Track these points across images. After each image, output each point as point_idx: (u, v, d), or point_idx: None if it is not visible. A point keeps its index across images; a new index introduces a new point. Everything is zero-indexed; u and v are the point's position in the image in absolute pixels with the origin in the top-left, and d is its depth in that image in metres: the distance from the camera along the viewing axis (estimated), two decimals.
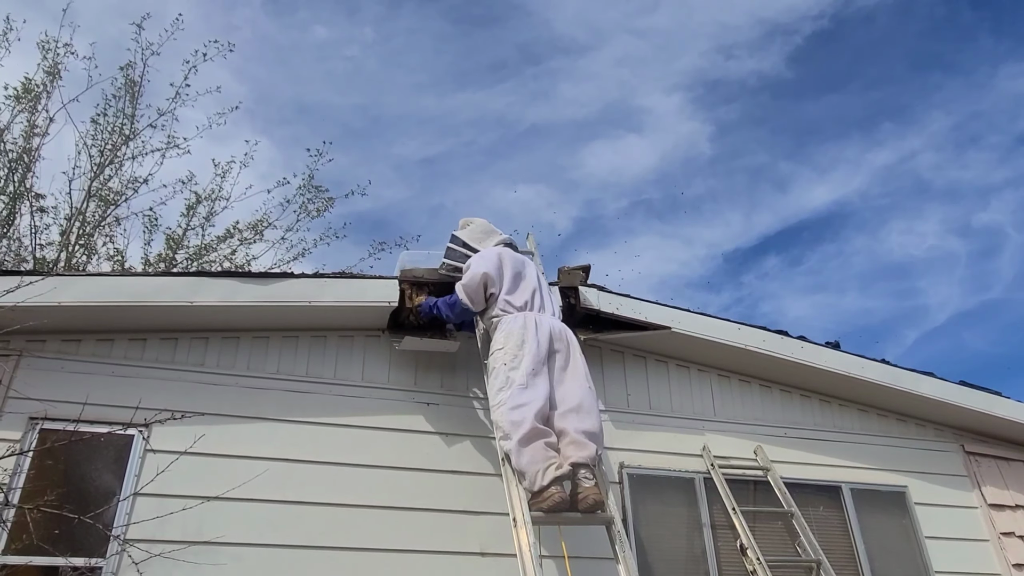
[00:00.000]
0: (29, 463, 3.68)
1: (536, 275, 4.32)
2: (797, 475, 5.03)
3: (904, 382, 5.44)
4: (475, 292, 4.08)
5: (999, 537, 5.31)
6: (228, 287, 4.26)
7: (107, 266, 11.01)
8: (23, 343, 3.92)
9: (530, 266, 4.37)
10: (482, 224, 4.58)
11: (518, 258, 4.35)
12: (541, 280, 4.34)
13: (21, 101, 10.69)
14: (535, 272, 4.35)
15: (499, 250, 4.30)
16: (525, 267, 4.31)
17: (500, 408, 3.72)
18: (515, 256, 4.34)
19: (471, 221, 4.62)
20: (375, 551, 3.98)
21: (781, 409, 5.43)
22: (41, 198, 10.80)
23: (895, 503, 5.24)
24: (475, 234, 4.50)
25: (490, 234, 4.50)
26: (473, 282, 4.07)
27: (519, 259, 4.34)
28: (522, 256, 4.44)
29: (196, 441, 3.78)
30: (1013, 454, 5.84)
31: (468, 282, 4.10)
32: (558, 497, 3.48)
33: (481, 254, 4.28)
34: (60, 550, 3.36)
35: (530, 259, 4.54)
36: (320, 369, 4.46)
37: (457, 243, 4.48)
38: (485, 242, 4.42)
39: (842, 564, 4.75)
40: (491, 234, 4.50)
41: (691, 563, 4.52)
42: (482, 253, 4.29)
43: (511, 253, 4.34)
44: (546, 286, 4.37)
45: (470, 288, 4.09)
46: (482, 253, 4.29)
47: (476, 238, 4.46)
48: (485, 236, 4.47)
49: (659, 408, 5.07)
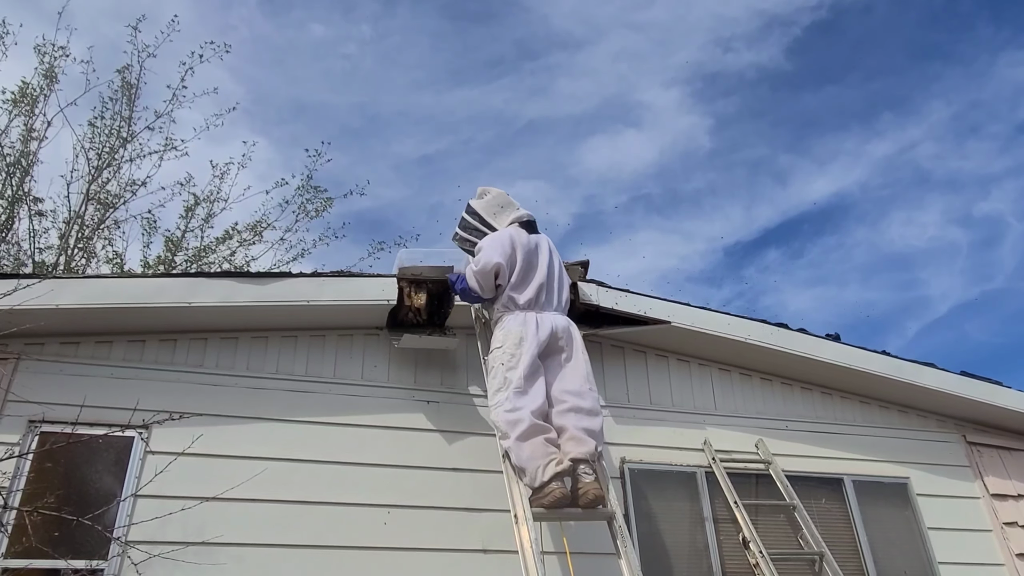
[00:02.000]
0: (28, 466, 3.67)
1: (548, 263, 4.12)
2: (799, 468, 5.02)
3: (905, 373, 5.43)
4: (486, 280, 3.99)
5: (1002, 527, 5.31)
6: (226, 287, 4.25)
7: (106, 269, 11.02)
8: (22, 346, 3.92)
9: (543, 252, 4.15)
10: (499, 196, 4.34)
11: (531, 243, 4.12)
12: (554, 267, 4.15)
13: (18, 105, 10.70)
14: (548, 259, 4.13)
15: (513, 235, 4.10)
16: (538, 254, 4.12)
17: (498, 409, 3.71)
18: (528, 241, 4.12)
19: (488, 191, 4.38)
20: (376, 550, 3.97)
21: (782, 402, 5.42)
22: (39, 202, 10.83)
23: (897, 494, 5.23)
24: (491, 207, 4.28)
25: (506, 207, 4.28)
26: (485, 270, 3.96)
27: (532, 244, 4.12)
28: (536, 239, 4.18)
29: (196, 441, 3.77)
30: (1015, 444, 5.83)
31: (480, 270, 3.98)
32: (559, 493, 3.47)
33: (495, 238, 4.09)
34: (61, 553, 3.35)
35: (545, 240, 4.28)
36: (319, 368, 4.46)
37: (473, 215, 4.29)
38: (500, 216, 4.23)
39: (845, 556, 4.74)
40: (507, 207, 4.28)
41: (694, 557, 4.51)
42: (496, 237, 4.10)
43: (525, 238, 4.13)
44: (558, 275, 4.17)
45: (481, 276, 3.99)
46: (496, 237, 4.10)
47: (492, 211, 4.26)
48: (501, 210, 4.26)
49: (660, 403, 5.06)
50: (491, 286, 4.02)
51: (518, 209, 4.28)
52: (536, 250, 4.14)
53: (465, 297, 4.21)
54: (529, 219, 4.27)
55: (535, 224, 4.29)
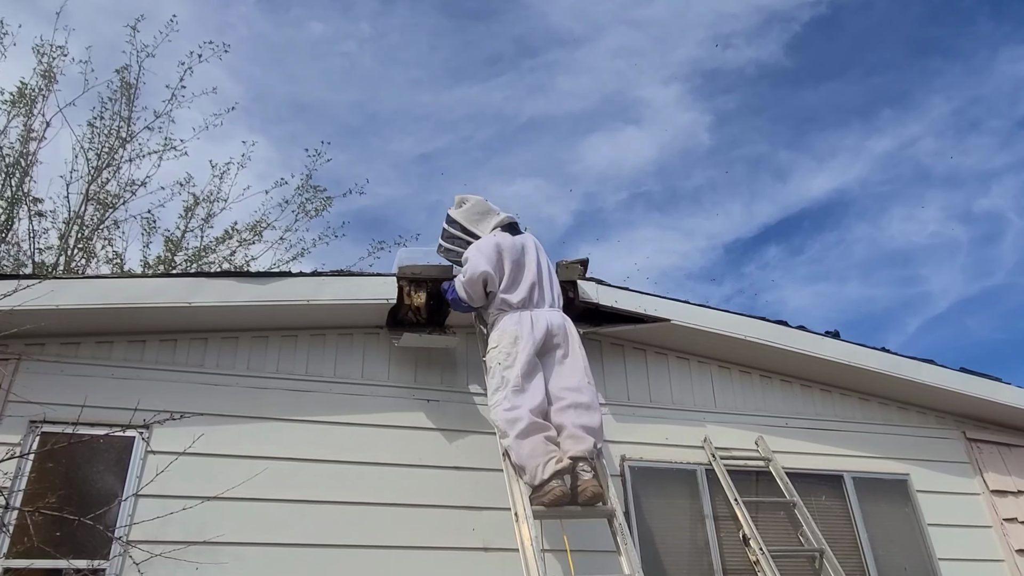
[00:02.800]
0: (30, 466, 3.68)
1: (536, 261, 4.13)
2: (799, 465, 5.02)
3: (904, 370, 5.43)
4: (475, 290, 4.04)
5: (1002, 523, 5.31)
6: (226, 287, 4.26)
7: (106, 269, 11.03)
8: (22, 347, 3.92)
9: (530, 251, 4.16)
10: (477, 203, 4.34)
11: (517, 245, 4.14)
12: (542, 265, 4.16)
13: (17, 106, 10.70)
14: (535, 257, 4.15)
15: (497, 240, 4.12)
16: (525, 254, 4.13)
17: (496, 408, 3.73)
18: (514, 243, 4.14)
19: (467, 199, 4.37)
20: (377, 548, 3.98)
21: (782, 399, 5.43)
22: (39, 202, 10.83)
23: (897, 491, 5.23)
24: (471, 215, 4.29)
25: (487, 214, 4.28)
26: (473, 279, 4.00)
27: (518, 246, 4.14)
28: (521, 240, 4.20)
29: (196, 441, 3.78)
30: (1015, 440, 5.84)
31: (468, 280, 4.03)
32: (559, 491, 3.48)
33: (480, 247, 4.11)
34: (63, 553, 3.36)
35: (531, 239, 4.28)
36: (320, 368, 4.46)
37: (453, 225, 4.30)
38: (482, 224, 4.24)
39: (845, 553, 4.75)
40: (488, 214, 4.28)
41: (694, 554, 4.52)
42: (481, 245, 4.12)
43: (510, 241, 4.14)
44: (548, 271, 4.19)
45: (470, 286, 4.03)
46: (481, 245, 4.12)
47: (473, 220, 4.27)
48: (482, 217, 4.27)
49: (660, 400, 5.07)
50: (480, 295, 4.05)
51: (499, 213, 4.30)
52: (523, 250, 4.16)
53: (457, 307, 4.26)
54: (511, 221, 4.29)
55: (517, 225, 4.32)
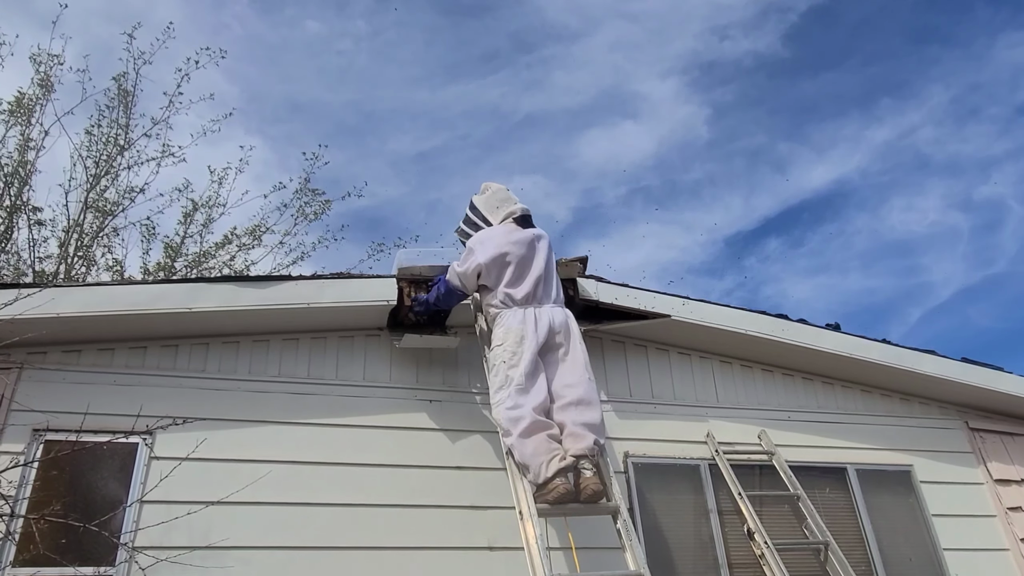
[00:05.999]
0: (34, 474, 3.69)
1: (545, 256, 4.13)
2: (802, 458, 5.03)
3: (906, 361, 5.44)
4: (468, 279, 4.08)
5: (1006, 512, 5.32)
6: (226, 292, 4.27)
7: (106, 277, 11.03)
8: (24, 355, 3.93)
9: (540, 247, 4.16)
10: (498, 191, 4.39)
11: (526, 238, 4.13)
12: (551, 258, 4.18)
13: (15, 115, 10.71)
14: (544, 253, 4.15)
15: (501, 233, 4.12)
16: (534, 249, 4.12)
17: (499, 406, 3.73)
18: (522, 237, 4.12)
19: (489, 186, 4.43)
20: (383, 550, 3.99)
21: (784, 393, 5.43)
22: (38, 211, 10.83)
23: (901, 482, 5.24)
24: (489, 202, 4.32)
25: (504, 202, 4.30)
26: (468, 269, 4.05)
27: (527, 240, 4.13)
28: (531, 234, 4.17)
29: (200, 446, 3.79)
30: (1017, 429, 5.84)
31: (463, 269, 4.07)
32: (563, 489, 3.49)
33: (484, 238, 4.13)
34: (69, 560, 3.36)
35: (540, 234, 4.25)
36: (321, 370, 4.47)
37: (473, 211, 4.36)
38: (497, 213, 4.25)
39: (850, 545, 4.75)
40: (505, 203, 4.30)
41: (699, 549, 4.52)
42: (486, 236, 4.13)
43: (518, 235, 4.13)
44: (553, 267, 4.22)
45: (464, 274, 4.07)
46: (486, 236, 4.13)
47: (489, 207, 4.30)
48: (498, 206, 4.29)
49: (662, 396, 5.07)
50: (473, 285, 4.11)
51: (515, 203, 4.29)
52: (532, 244, 4.14)
53: (450, 298, 4.26)
54: (524, 213, 4.26)
55: (530, 218, 4.28)
